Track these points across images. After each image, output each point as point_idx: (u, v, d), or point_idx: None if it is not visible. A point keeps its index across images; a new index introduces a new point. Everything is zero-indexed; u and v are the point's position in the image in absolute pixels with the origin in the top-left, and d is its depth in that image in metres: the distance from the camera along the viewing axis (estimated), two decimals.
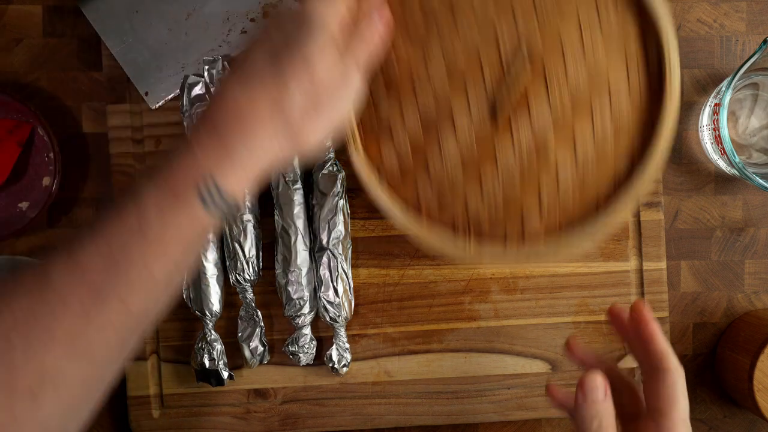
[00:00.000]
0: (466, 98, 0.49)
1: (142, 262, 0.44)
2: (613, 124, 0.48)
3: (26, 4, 0.71)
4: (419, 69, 0.49)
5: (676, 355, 0.72)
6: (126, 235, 0.43)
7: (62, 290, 0.43)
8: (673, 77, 0.48)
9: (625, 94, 0.48)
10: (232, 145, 0.45)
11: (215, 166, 0.44)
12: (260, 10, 0.70)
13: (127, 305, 0.44)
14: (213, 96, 0.47)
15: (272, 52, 0.46)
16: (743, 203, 0.72)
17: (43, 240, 0.72)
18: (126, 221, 0.44)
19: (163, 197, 0.44)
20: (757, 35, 0.71)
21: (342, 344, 0.69)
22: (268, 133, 0.45)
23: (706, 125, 0.69)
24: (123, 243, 0.43)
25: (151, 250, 0.44)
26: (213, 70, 0.67)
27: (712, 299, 0.72)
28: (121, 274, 0.43)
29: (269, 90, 0.45)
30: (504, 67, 0.48)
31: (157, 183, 0.44)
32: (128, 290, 0.44)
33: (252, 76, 0.45)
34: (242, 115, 0.45)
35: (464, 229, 0.51)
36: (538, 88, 0.48)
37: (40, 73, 0.71)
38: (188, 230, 0.45)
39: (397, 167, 0.51)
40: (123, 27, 0.69)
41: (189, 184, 0.44)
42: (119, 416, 0.72)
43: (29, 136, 0.69)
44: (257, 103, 0.45)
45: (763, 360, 0.65)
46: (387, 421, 0.71)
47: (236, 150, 0.45)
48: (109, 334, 0.44)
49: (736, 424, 0.73)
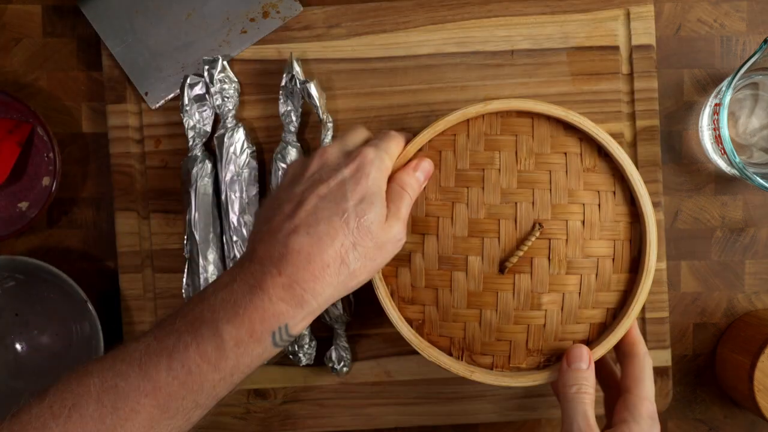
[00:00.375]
0: (482, 248, 0.60)
1: (212, 388, 0.51)
2: (597, 283, 0.60)
3: (26, 3, 0.71)
4: (445, 216, 0.60)
5: (676, 355, 0.72)
6: (203, 365, 0.50)
7: (133, 403, 0.49)
8: (651, 256, 0.59)
9: (609, 263, 0.60)
10: (305, 299, 0.52)
11: (290, 317, 0.51)
12: (260, 10, 0.70)
13: (190, 419, 0.51)
14: (276, 233, 0.53)
15: (336, 208, 0.53)
16: (743, 203, 0.72)
17: (43, 240, 0.72)
18: (204, 353, 0.50)
19: (240, 337, 0.50)
20: (757, 35, 0.71)
21: (342, 344, 0.69)
22: (333, 285, 0.52)
23: (706, 125, 0.69)
24: (198, 371, 0.50)
25: (223, 380, 0.51)
26: (213, 70, 0.67)
27: (712, 299, 0.72)
28: (190, 396, 0.50)
29: (337, 248, 0.52)
30: (518, 232, 0.60)
31: (235, 323, 0.50)
32: (194, 408, 0.51)
33: (319, 228, 0.52)
34: (314, 270, 0.52)
35: (459, 348, 0.61)
36: (541, 251, 0.60)
37: (40, 73, 0.71)
38: (256, 362, 0.52)
39: (410, 288, 0.61)
40: (123, 27, 0.69)
41: (266, 328, 0.51)
42: None
43: (29, 136, 0.69)
44: (327, 260, 0.52)
45: (763, 360, 0.65)
46: (387, 421, 0.71)
47: (308, 302, 0.52)
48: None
49: (736, 424, 0.73)
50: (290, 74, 0.67)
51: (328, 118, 0.68)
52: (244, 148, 0.67)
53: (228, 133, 0.67)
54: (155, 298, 0.70)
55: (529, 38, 0.69)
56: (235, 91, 0.67)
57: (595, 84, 0.69)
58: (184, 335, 0.50)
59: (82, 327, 0.70)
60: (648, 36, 0.69)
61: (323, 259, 0.52)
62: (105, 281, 0.72)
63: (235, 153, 0.67)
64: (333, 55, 0.69)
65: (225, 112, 0.67)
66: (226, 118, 0.67)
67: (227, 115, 0.67)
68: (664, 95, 0.71)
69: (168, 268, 0.70)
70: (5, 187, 0.70)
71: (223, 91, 0.67)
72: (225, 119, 0.67)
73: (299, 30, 0.70)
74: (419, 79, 0.70)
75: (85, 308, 0.67)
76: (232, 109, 0.67)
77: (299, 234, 0.52)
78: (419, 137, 0.60)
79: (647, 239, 0.60)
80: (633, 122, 0.69)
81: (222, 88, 0.67)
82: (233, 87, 0.67)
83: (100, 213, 0.72)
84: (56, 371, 0.71)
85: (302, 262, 0.52)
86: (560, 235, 0.60)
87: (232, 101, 0.67)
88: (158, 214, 0.70)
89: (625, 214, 0.61)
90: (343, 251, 0.52)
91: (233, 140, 0.67)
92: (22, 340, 0.71)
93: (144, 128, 0.70)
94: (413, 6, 0.69)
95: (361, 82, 0.70)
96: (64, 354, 0.71)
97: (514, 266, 0.60)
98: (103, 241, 0.72)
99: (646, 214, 0.60)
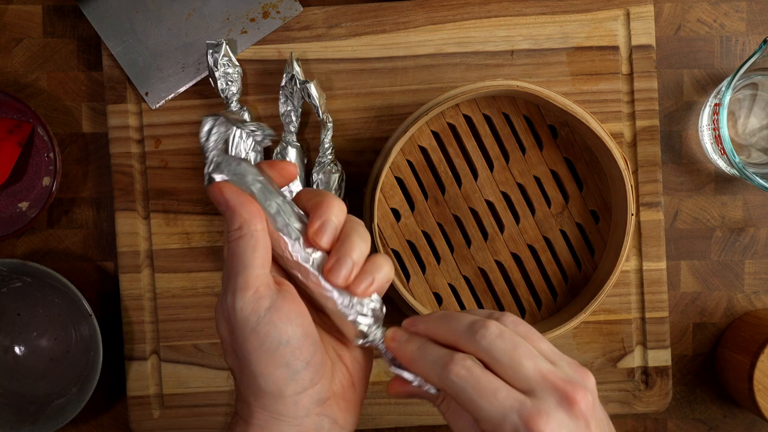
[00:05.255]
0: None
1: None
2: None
3: (26, 4, 0.71)
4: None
5: (676, 355, 0.72)
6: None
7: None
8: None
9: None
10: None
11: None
12: (260, 10, 0.70)
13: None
14: None
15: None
16: (743, 203, 0.72)
17: (43, 240, 0.72)
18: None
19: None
20: (757, 35, 0.71)
21: None
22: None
23: (706, 125, 0.69)
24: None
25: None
26: (217, 54, 0.67)
27: (712, 299, 0.72)
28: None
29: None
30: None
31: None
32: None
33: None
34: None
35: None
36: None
37: (40, 73, 0.71)
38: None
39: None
40: (123, 27, 0.69)
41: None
42: (119, 416, 0.72)
43: (29, 136, 0.69)
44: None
45: (763, 360, 0.65)
46: (387, 421, 0.71)
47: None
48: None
49: (736, 424, 0.73)
50: (290, 74, 0.67)
51: (328, 118, 0.68)
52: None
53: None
54: (155, 298, 0.70)
55: (528, 38, 0.69)
56: (238, 75, 0.68)
57: (595, 84, 0.69)
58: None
59: (82, 334, 0.70)
60: (648, 36, 0.69)
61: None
62: (105, 281, 0.72)
63: (241, 137, 0.67)
64: (333, 55, 0.70)
65: (230, 95, 0.67)
66: (230, 101, 0.67)
67: (232, 98, 0.67)
68: (664, 95, 0.71)
69: (168, 268, 0.70)
70: (5, 187, 0.70)
71: (227, 75, 0.67)
72: (230, 103, 0.67)
73: (299, 30, 0.70)
74: (419, 79, 0.70)
75: (89, 320, 0.67)
76: (236, 93, 0.68)
77: None
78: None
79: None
80: (633, 122, 0.69)
81: (226, 72, 0.67)
82: (236, 71, 0.67)
83: (100, 213, 0.72)
84: (52, 376, 0.71)
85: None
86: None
87: (236, 85, 0.67)
88: (158, 214, 0.70)
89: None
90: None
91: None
92: (21, 342, 0.71)
93: (144, 128, 0.70)
94: (413, 6, 0.69)
95: (361, 82, 0.70)
96: (62, 359, 0.71)
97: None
98: (103, 241, 0.72)
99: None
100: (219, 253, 0.70)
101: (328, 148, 0.68)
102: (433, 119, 0.67)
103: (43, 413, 0.68)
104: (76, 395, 0.68)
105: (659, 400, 0.70)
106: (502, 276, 0.68)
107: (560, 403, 0.43)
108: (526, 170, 0.68)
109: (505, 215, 0.68)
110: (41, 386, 0.71)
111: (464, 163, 0.68)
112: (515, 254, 0.68)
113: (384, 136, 0.69)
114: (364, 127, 0.70)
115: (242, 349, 0.46)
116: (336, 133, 0.70)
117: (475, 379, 0.44)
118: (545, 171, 0.68)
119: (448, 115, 0.67)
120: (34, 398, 0.70)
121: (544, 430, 0.42)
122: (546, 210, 0.68)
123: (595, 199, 0.69)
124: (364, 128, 0.70)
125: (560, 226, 0.68)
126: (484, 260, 0.68)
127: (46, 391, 0.70)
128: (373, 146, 0.70)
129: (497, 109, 0.68)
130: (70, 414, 0.67)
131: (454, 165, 0.68)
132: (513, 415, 0.43)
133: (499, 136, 0.68)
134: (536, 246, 0.68)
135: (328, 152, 0.68)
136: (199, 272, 0.70)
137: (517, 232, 0.68)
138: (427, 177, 0.68)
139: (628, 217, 0.64)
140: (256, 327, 0.45)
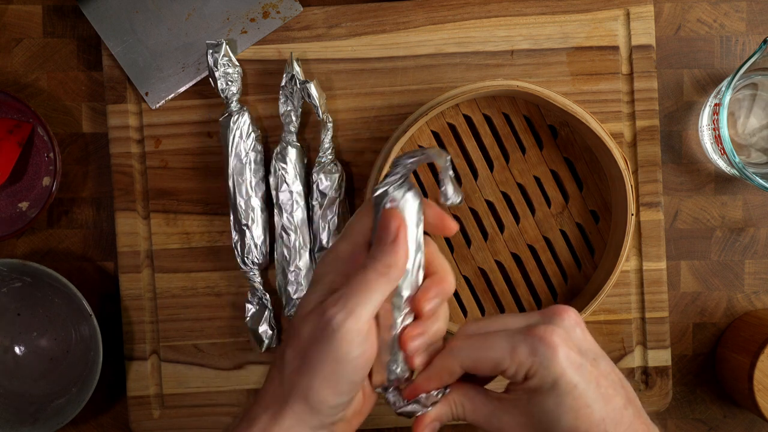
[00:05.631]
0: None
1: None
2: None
3: (26, 4, 0.71)
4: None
5: (676, 355, 0.72)
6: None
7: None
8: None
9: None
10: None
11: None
12: (260, 10, 0.70)
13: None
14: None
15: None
16: (743, 203, 0.72)
17: (43, 240, 0.72)
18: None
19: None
20: (757, 35, 0.71)
21: None
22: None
23: (705, 125, 0.69)
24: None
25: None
26: (217, 54, 0.67)
27: (712, 299, 0.72)
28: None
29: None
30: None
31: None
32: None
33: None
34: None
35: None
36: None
37: (40, 73, 0.71)
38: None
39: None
40: (123, 27, 0.69)
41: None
42: (119, 416, 0.72)
43: (29, 136, 0.69)
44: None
45: (763, 360, 0.65)
46: (387, 421, 0.71)
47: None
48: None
49: (736, 424, 0.73)
50: (290, 74, 0.67)
51: (328, 118, 0.68)
52: (250, 132, 0.68)
53: (233, 117, 0.67)
54: (155, 298, 0.70)
55: (528, 38, 0.69)
56: (238, 75, 0.68)
57: (595, 84, 0.69)
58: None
59: (82, 334, 0.70)
60: (648, 36, 0.69)
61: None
62: (105, 281, 0.72)
63: (241, 137, 0.67)
64: (333, 55, 0.70)
65: (230, 95, 0.67)
66: (230, 102, 0.67)
67: (232, 98, 0.67)
68: (664, 95, 0.71)
69: (168, 268, 0.70)
70: (5, 187, 0.70)
71: (227, 75, 0.67)
72: (230, 103, 0.67)
73: (299, 30, 0.70)
74: (419, 79, 0.70)
75: (89, 320, 0.67)
76: (236, 93, 0.68)
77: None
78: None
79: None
80: (633, 122, 0.69)
81: (226, 72, 0.67)
82: (236, 71, 0.67)
83: (100, 213, 0.72)
84: (52, 376, 0.71)
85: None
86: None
87: (236, 85, 0.67)
88: (158, 214, 0.70)
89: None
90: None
91: (239, 124, 0.67)
92: (21, 342, 0.71)
93: (144, 128, 0.70)
94: (413, 6, 0.69)
95: (361, 82, 0.70)
96: (62, 359, 0.71)
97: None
98: (103, 241, 0.72)
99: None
100: (219, 253, 0.70)
101: (328, 148, 0.68)
102: (433, 119, 0.67)
103: (43, 413, 0.68)
104: (76, 395, 0.68)
105: (659, 400, 0.70)
106: (502, 276, 0.68)
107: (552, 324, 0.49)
108: (526, 170, 0.68)
109: (505, 215, 0.68)
110: (41, 386, 0.71)
111: (464, 163, 0.68)
112: (515, 254, 0.69)
113: (384, 136, 0.69)
114: (364, 127, 0.70)
115: (316, 354, 0.47)
116: (336, 133, 0.70)
117: (475, 335, 0.49)
118: (545, 171, 0.68)
119: (448, 115, 0.68)
120: (34, 398, 0.70)
121: (551, 337, 0.47)
122: (546, 210, 0.68)
123: (595, 199, 0.69)
124: (364, 128, 0.70)
125: (560, 226, 0.68)
126: (484, 260, 0.68)
127: (46, 391, 0.70)
128: (373, 146, 0.70)
129: (497, 109, 0.68)
130: (70, 414, 0.67)
131: (454, 165, 0.68)
132: (519, 337, 0.47)
133: (499, 136, 0.68)
134: (536, 246, 0.68)
135: (328, 152, 0.68)
136: (199, 272, 0.70)
137: (517, 232, 0.68)
138: (427, 177, 0.68)
139: (628, 217, 0.64)
140: (348, 352, 0.47)
